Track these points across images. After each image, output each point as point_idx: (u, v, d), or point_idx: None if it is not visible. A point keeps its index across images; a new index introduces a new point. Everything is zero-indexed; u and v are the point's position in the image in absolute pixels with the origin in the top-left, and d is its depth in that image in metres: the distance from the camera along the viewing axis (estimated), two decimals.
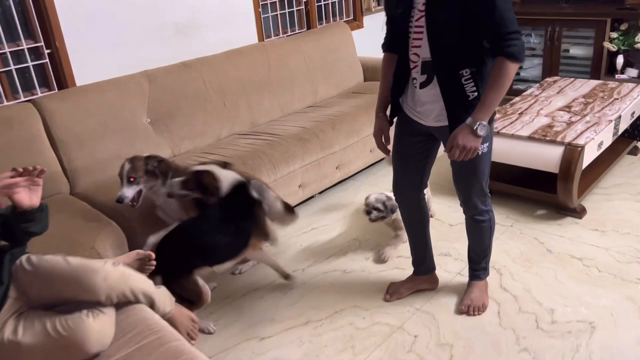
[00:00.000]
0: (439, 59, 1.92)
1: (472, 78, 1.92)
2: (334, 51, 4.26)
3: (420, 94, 2.03)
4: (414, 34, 1.94)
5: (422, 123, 2.10)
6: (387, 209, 2.68)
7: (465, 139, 1.88)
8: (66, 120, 2.83)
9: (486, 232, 2.31)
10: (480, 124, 1.87)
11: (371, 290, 2.56)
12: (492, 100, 1.87)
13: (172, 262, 2.16)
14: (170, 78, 3.27)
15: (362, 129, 3.59)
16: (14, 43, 2.84)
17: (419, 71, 1.99)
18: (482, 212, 2.24)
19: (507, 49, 1.80)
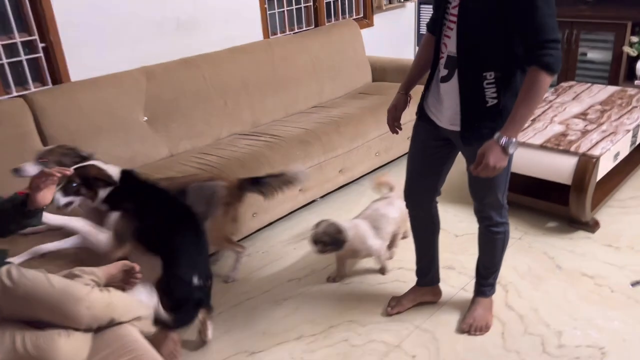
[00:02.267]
0: (464, 55, 1.79)
1: (495, 83, 1.78)
2: (342, 50, 4.13)
3: (440, 88, 1.91)
4: (447, 22, 1.82)
5: (438, 124, 1.98)
6: (334, 243, 2.35)
7: (497, 158, 1.74)
8: (59, 117, 2.73)
9: (499, 245, 2.17)
10: (511, 141, 1.73)
11: (369, 303, 2.43)
12: (523, 115, 1.72)
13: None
14: (169, 75, 3.16)
15: (367, 131, 3.46)
16: (7, 36, 2.75)
17: (443, 64, 1.86)
18: (498, 223, 2.11)
19: (543, 58, 1.66)
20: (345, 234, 2.36)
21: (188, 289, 2.02)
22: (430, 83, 1.99)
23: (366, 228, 2.48)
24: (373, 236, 2.49)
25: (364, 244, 2.46)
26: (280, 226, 3.11)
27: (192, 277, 2.04)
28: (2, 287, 1.59)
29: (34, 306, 1.58)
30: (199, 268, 2.08)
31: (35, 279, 1.60)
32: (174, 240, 2.05)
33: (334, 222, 2.38)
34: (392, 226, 2.59)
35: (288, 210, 3.11)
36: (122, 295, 1.75)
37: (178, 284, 2.02)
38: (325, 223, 2.38)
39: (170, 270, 2.03)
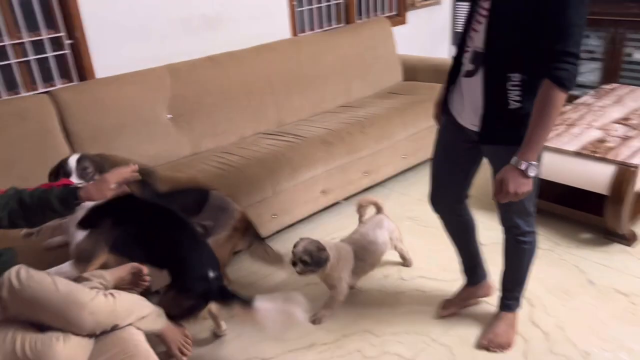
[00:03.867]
0: (491, 52, 1.70)
1: (520, 86, 1.68)
2: (372, 48, 4.03)
3: (463, 82, 1.83)
4: (477, 16, 1.73)
5: (459, 121, 1.89)
6: (315, 262, 2.18)
7: (517, 183, 1.65)
8: (83, 113, 2.75)
9: (526, 256, 2.05)
10: (530, 164, 1.63)
11: (385, 313, 2.35)
12: (538, 136, 1.62)
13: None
14: (194, 73, 3.14)
15: (394, 132, 3.37)
16: (34, 32, 2.78)
17: (469, 58, 1.78)
18: (525, 232, 1.99)
19: (556, 72, 1.55)
20: (327, 252, 2.19)
21: (206, 283, 1.96)
22: (454, 77, 1.90)
23: (349, 257, 2.30)
24: (349, 270, 2.30)
25: (337, 273, 2.26)
26: (301, 228, 3.05)
27: (206, 271, 1.98)
28: (10, 288, 1.58)
29: (38, 309, 1.57)
30: (209, 262, 2.02)
31: (41, 282, 1.59)
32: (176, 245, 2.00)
33: (315, 240, 2.21)
34: (381, 252, 2.43)
35: (309, 212, 3.05)
36: (127, 298, 1.73)
37: (194, 282, 1.96)
38: (305, 241, 2.21)
39: (182, 272, 1.98)
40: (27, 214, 1.75)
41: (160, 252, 1.98)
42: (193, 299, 1.97)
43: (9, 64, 2.72)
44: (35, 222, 1.80)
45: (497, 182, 1.68)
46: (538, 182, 1.89)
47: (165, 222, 2.01)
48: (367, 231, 2.43)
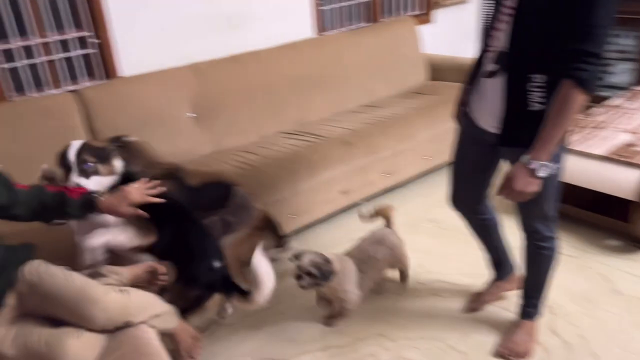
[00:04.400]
0: (515, 53, 1.65)
1: (544, 88, 1.63)
2: (396, 48, 3.98)
3: (484, 83, 1.79)
4: (500, 15, 1.69)
5: (477, 123, 1.86)
6: (322, 275, 2.09)
7: (524, 182, 1.62)
8: (107, 112, 2.79)
9: (547, 263, 2.00)
10: (541, 164, 1.59)
11: (401, 318, 2.32)
12: (552, 137, 1.59)
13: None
14: (217, 72, 3.16)
15: (416, 133, 3.32)
16: (61, 32, 2.83)
17: (492, 58, 1.74)
18: (546, 238, 1.94)
19: (576, 72, 1.51)
20: (333, 264, 2.11)
21: (212, 273, 2.02)
22: (474, 77, 1.86)
23: (352, 269, 2.22)
24: (355, 282, 2.22)
25: (342, 286, 2.18)
26: (319, 228, 3.04)
27: (212, 261, 2.03)
28: (28, 283, 1.62)
29: (53, 304, 1.60)
30: (212, 252, 2.06)
31: (57, 277, 1.62)
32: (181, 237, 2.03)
33: (319, 252, 2.13)
34: (380, 269, 2.35)
35: (328, 212, 3.04)
36: (140, 295, 1.74)
37: (201, 272, 2.01)
38: (309, 254, 2.11)
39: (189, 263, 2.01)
40: (45, 215, 1.80)
41: (166, 244, 1.99)
42: (199, 290, 2.01)
43: (36, 63, 2.78)
44: (51, 222, 1.83)
45: (505, 178, 1.65)
46: (559, 186, 1.84)
47: (170, 213, 2.02)
48: (367, 246, 2.33)
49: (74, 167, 1.92)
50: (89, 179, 1.93)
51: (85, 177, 1.92)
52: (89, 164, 1.93)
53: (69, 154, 1.93)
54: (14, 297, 1.64)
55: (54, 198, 1.80)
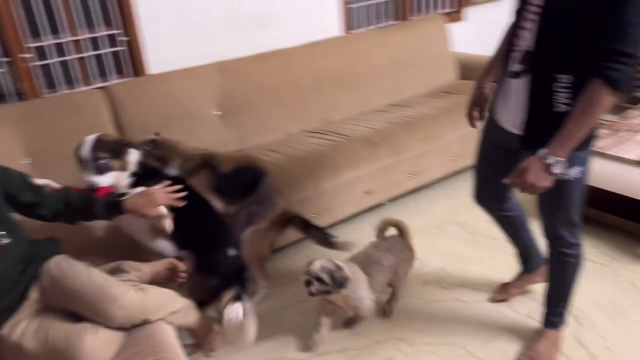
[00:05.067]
0: (541, 52, 1.62)
1: (570, 88, 1.58)
2: (425, 46, 3.92)
3: (510, 84, 1.75)
4: (526, 14, 1.65)
5: (500, 124, 1.82)
6: (334, 283, 1.99)
7: (538, 177, 1.58)
8: (134, 108, 2.83)
9: (571, 271, 1.94)
10: (557, 160, 1.54)
11: (422, 321, 2.28)
12: (574, 132, 1.54)
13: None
14: (243, 70, 3.17)
15: (443, 133, 3.26)
16: (91, 29, 2.88)
17: (518, 58, 1.70)
18: (570, 245, 1.88)
19: (607, 72, 1.46)
20: (345, 271, 2.03)
21: (228, 261, 2.07)
22: (501, 77, 1.82)
23: (360, 274, 2.13)
24: (367, 286, 2.13)
25: (357, 293, 2.10)
26: (342, 229, 3.01)
27: (227, 250, 2.08)
28: (51, 278, 1.65)
29: (74, 300, 1.63)
30: (229, 241, 2.11)
31: (78, 274, 1.65)
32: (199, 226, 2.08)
33: (330, 259, 2.04)
34: (386, 275, 2.23)
35: (351, 212, 3.01)
36: (158, 293, 1.76)
37: (221, 261, 2.06)
38: (320, 260, 2.03)
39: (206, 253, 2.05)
40: (70, 215, 1.83)
41: (186, 233, 2.03)
42: (217, 279, 2.04)
43: (67, 60, 2.84)
44: (76, 221, 1.87)
45: (519, 169, 1.61)
46: (584, 191, 1.78)
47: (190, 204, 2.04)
48: (374, 251, 2.26)
49: (89, 165, 1.94)
50: (105, 175, 1.95)
51: (100, 174, 1.94)
52: (103, 161, 1.94)
53: (83, 151, 1.95)
54: (37, 290, 1.68)
55: (80, 198, 1.84)
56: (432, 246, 2.80)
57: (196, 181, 2.25)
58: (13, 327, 1.60)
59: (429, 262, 2.67)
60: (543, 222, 1.89)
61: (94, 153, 1.95)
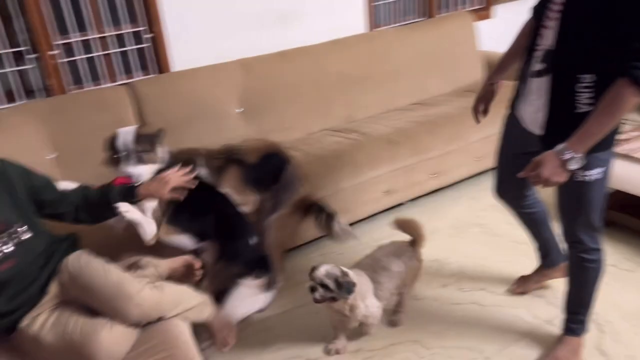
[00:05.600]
0: (562, 51, 1.59)
1: (592, 88, 1.55)
2: (451, 44, 3.86)
3: (530, 83, 1.74)
4: (548, 12, 1.62)
5: (522, 123, 1.82)
6: (340, 289, 1.90)
7: (553, 171, 1.56)
8: (158, 105, 2.87)
9: (592, 277, 1.89)
10: (574, 156, 1.52)
11: (438, 325, 2.25)
12: (594, 130, 1.51)
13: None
14: (266, 68, 3.18)
15: (467, 133, 3.21)
16: (117, 27, 2.93)
17: (539, 57, 1.68)
18: (590, 250, 1.83)
19: (634, 71, 1.41)
20: (352, 278, 1.94)
21: (250, 249, 2.13)
22: (522, 76, 1.80)
23: (367, 281, 2.04)
24: (372, 294, 2.04)
25: (362, 301, 2.00)
26: (361, 228, 3.00)
27: (249, 238, 2.14)
28: (70, 273, 1.69)
29: (91, 296, 1.66)
30: (248, 229, 2.17)
31: (95, 271, 1.68)
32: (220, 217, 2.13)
33: (339, 266, 1.95)
34: (394, 282, 2.12)
35: (370, 212, 3.00)
36: (174, 290, 1.78)
37: (240, 249, 2.11)
38: (326, 265, 1.95)
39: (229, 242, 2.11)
40: (90, 209, 1.87)
41: (206, 225, 2.09)
42: (239, 267, 2.08)
43: (93, 57, 2.90)
44: (97, 217, 1.90)
45: (535, 162, 1.59)
46: (604, 193, 1.75)
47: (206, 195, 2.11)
48: (382, 257, 2.15)
49: (130, 155, 1.97)
50: (142, 166, 2.00)
51: (139, 164, 1.99)
52: (144, 153, 2.00)
53: (124, 141, 1.98)
54: (57, 285, 1.72)
55: (97, 191, 1.89)
56: (452, 248, 2.76)
57: (226, 177, 2.28)
58: (32, 321, 1.65)
59: (448, 264, 2.64)
60: (562, 225, 1.85)
61: (136, 144, 1.99)
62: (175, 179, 1.96)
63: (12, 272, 1.60)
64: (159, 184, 1.94)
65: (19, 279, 1.64)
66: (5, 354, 1.68)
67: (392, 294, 2.15)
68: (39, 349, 1.61)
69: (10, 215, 1.64)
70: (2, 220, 1.60)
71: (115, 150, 2.01)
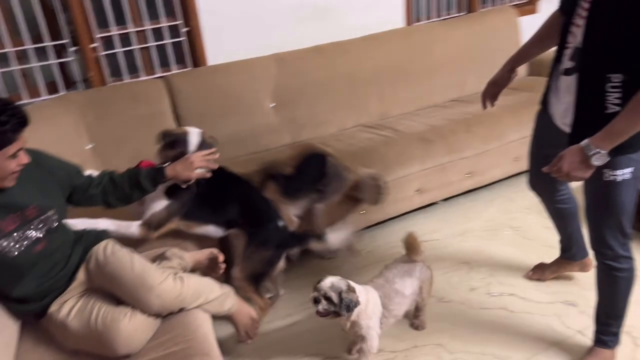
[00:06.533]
0: (590, 50, 1.56)
1: (621, 88, 1.50)
2: (493, 39, 3.74)
3: (562, 81, 1.72)
4: (579, 10, 1.58)
5: (553, 120, 1.80)
6: (341, 304, 1.80)
7: (573, 165, 1.56)
8: (192, 99, 2.91)
9: (622, 287, 1.82)
10: (599, 152, 1.49)
11: (464, 329, 2.20)
12: (622, 129, 1.48)
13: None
14: (300, 62, 3.16)
15: (505, 132, 3.12)
16: (154, 20, 2.98)
17: (569, 55, 1.66)
18: (619, 257, 1.76)
19: None
20: (357, 295, 1.84)
21: (279, 232, 2.19)
22: (553, 72, 1.77)
23: (377, 302, 1.92)
24: (379, 318, 1.92)
25: (367, 321, 1.89)
26: (391, 226, 2.97)
27: (277, 221, 2.20)
28: (96, 261, 1.74)
29: (115, 284, 1.70)
30: (275, 213, 2.22)
31: (121, 259, 1.72)
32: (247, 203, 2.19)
33: (344, 279, 1.86)
34: (405, 306, 2.03)
35: (401, 210, 2.95)
36: (195, 282, 1.80)
37: (270, 232, 2.16)
38: (332, 277, 1.85)
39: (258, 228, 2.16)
40: (117, 191, 1.93)
41: (232, 213, 2.16)
42: (272, 249, 2.14)
43: (132, 50, 2.96)
44: (124, 199, 1.96)
45: (558, 157, 1.60)
46: (635, 197, 1.68)
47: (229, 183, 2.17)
48: (394, 277, 2.01)
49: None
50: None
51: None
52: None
53: (191, 143, 2.10)
54: (84, 273, 1.77)
55: (124, 174, 1.96)
56: (483, 250, 2.69)
57: (267, 194, 2.34)
58: (61, 306, 1.70)
59: (478, 267, 2.57)
60: (590, 230, 1.79)
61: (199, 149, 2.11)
62: (198, 160, 2.02)
63: (41, 255, 1.66)
64: (185, 164, 2.00)
65: (49, 264, 1.69)
66: (36, 338, 1.74)
67: (401, 316, 2.05)
68: (65, 335, 1.67)
69: (43, 202, 1.69)
70: (35, 207, 1.66)
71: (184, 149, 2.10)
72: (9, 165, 1.53)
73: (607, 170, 1.60)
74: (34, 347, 1.72)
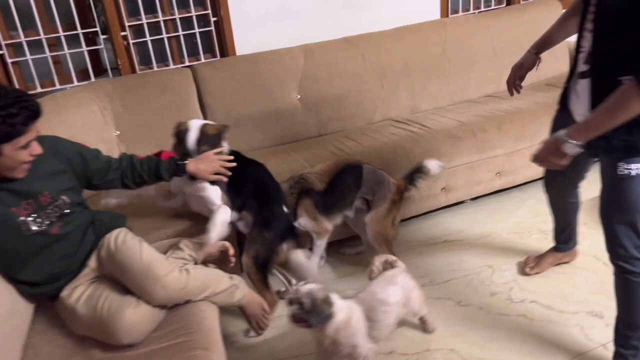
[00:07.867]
0: (599, 54, 1.59)
1: None
2: (533, 33, 3.46)
3: (579, 84, 1.72)
4: (589, 14, 1.60)
5: (574, 118, 1.79)
6: (315, 313, 1.70)
7: (550, 152, 1.58)
8: (218, 88, 2.91)
9: (638, 292, 1.72)
10: (570, 142, 1.51)
11: (480, 334, 2.13)
12: (596, 123, 1.49)
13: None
14: (328, 54, 3.11)
15: (538, 131, 2.98)
16: (185, 10, 2.99)
17: (583, 59, 1.67)
18: (632, 259, 1.68)
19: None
20: (333, 309, 1.74)
21: (285, 216, 2.24)
22: (572, 74, 1.78)
23: (360, 318, 1.83)
24: (364, 334, 1.83)
25: (350, 340, 1.79)
26: (415, 224, 2.90)
27: (282, 206, 2.24)
28: (107, 250, 1.76)
29: (123, 274, 1.72)
30: (281, 199, 2.27)
31: (130, 250, 1.73)
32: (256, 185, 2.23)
33: (327, 290, 1.76)
34: (393, 315, 1.92)
35: (427, 208, 2.88)
36: (202, 274, 1.81)
37: (276, 216, 2.20)
38: (312, 285, 1.76)
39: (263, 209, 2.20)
40: (134, 176, 1.98)
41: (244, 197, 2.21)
42: (274, 232, 2.16)
43: (161, 38, 2.98)
44: (141, 183, 2.02)
45: (540, 143, 1.65)
46: None
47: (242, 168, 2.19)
48: (376, 288, 1.94)
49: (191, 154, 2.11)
50: None
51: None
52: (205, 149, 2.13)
53: (189, 140, 2.11)
54: (96, 260, 1.80)
55: (143, 161, 1.99)
56: (508, 253, 2.60)
57: (301, 210, 2.36)
58: (72, 291, 1.73)
59: (501, 271, 2.48)
60: (604, 229, 1.72)
61: (198, 146, 2.12)
62: (218, 163, 2.07)
63: (55, 238, 1.70)
64: (207, 165, 2.04)
65: (61, 247, 1.73)
66: (49, 320, 1.79)
67: (394, 327, 1.96)
68: (74, 320, 1.70)
69: (57, 188, 1.72)
70: (49, 193, 1.69)
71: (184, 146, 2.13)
72: (20, 155, 1.56)
73: (621, 164, 1.58)
74: (46, 329, 1.76)
